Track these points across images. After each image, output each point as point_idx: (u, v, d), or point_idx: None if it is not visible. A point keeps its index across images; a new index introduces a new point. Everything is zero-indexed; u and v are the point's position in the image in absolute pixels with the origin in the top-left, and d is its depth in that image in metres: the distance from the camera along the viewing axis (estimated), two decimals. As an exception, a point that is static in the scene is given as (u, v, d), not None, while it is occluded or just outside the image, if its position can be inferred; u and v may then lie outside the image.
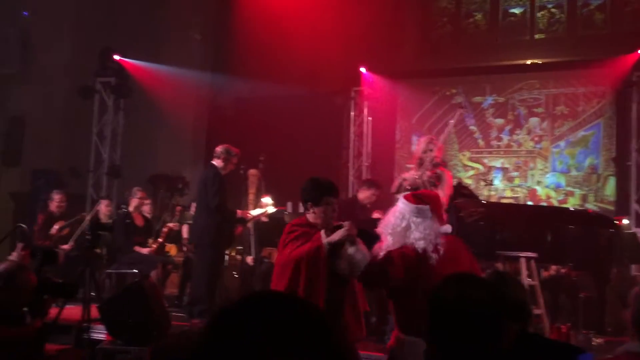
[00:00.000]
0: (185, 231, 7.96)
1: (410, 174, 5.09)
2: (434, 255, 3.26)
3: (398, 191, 5.24)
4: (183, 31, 11.22)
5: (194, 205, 7.34)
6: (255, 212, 6.91)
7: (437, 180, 4.92)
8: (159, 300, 5.29)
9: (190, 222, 7.56)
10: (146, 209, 7.87)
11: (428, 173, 4.85)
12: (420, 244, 3.29)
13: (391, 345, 3.43)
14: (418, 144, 5.13)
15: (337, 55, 10.28)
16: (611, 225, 6.27)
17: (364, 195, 6.83)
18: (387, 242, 3.41)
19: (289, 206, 9.87)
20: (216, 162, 6.31)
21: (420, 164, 5.02)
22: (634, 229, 8.21)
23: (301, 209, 10.26)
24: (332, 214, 3.65)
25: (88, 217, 7.79)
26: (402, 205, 3.46)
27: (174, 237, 8.09)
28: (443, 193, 4.91)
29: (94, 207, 8.45)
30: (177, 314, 6.29)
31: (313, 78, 10.58)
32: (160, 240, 7.53)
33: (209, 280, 6.13)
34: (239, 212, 6.52)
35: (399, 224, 3.38)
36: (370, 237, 4.34)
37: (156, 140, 11.18)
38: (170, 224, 7.74)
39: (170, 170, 10.75)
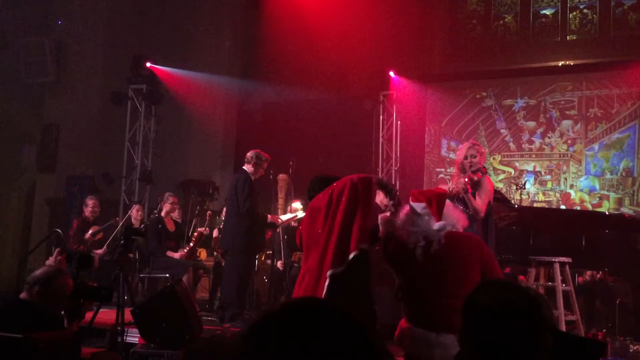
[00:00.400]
0: (215, 235, 8.03)
1: (453, 185, 4.99)
2: (422, 251, 3.28)
3: None
4: (213, 38, 11.34)
5: (225, 210, 7.39)
6: (285, 217, 6.93)
7: (473, 186, 4.80)
8: (191, 304, 5.33)
9: (220, 226, 7.63)
10: (175, 215, 7.96)
11: (463, 179, 4.74)
12: (411, 239, 3.31)
13: (395, 336, 3.47)
14: (460, 150, 5.02)
15: (366, 59, 10.28)
16: (648, 229, 6.12)
17: (378, 199, 6.78)
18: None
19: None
20: (247, 167, 6.36)
21: (462, 169, 4.91)
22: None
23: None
24: None
25: (121, 222, 7.91)
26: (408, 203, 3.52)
27: (205, 241, 8.16)
28: (481, 200, 4.80)
29: (126, 212, 8.58)
30: (209, 318, 6.34)
31: (341, 82, 10.61)
32: (191, 244, 7.60)
33: (239, 285, 6.16)
34: (269, 216, 6.54)
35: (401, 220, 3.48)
36: None
37: (186, 146, 11.31)
38: (201, 229, 7.81)
39: (200, 176, 10.88)
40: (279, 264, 7.37)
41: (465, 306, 1.79)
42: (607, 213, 8.45)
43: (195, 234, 7.74)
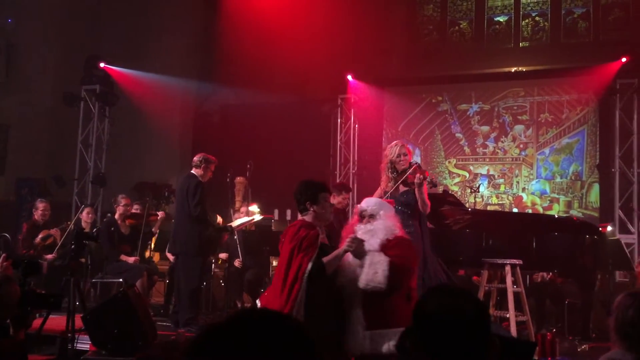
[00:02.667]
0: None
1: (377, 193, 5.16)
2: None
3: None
4: (169, 38, 11.20)
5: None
6: (240, 221, 6.89)
7: (406, 184, 4.94)
8: (145, 309, 5.25)
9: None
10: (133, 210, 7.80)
11: (419, 175, 4.81)
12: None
13: None
14: (387, 150, 5.11)
15: (324, 63, 10.32)
16: (595, 232, 6.32)
17: (336, 200, 6.83)
18: None
19: (276, 214, 9.87)
20: (195, 172, 6.31)
21: (392, 168, 5.00)
22: (618, 236, 8.30)
23: (288, 217, 10.26)
24: (329, 208, 3.86)
25: (70, 226, 7.72)
26: None
27: (158, 244, 8.04)
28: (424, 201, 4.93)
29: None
30: (163, 324, 6.25)
31: (300, 86, 10.61)
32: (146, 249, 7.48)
33: (194, 290, 6.10)
34: (220, 220, 6.51)
35: None
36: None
37: (142, 148, 11.13)
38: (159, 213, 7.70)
39: (156, 178, 10.71)
40: (237, 262, 7.32)
41: (414, 312, 1.81)
42: (556, 216, 8.69)
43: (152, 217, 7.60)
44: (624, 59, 9.10)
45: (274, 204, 9.63)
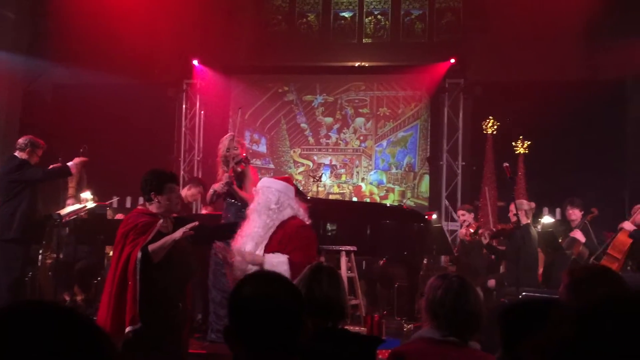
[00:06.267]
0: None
1: (218, 184, 5.20)
2: None
3: (211, 201, 5.41)
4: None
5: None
6: (71, 208, 6.47)
7: (238, 177, 5.06)
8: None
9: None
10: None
11: (226, 175, 4.98)
12: None
13: None
14: (221, 144, 5.20)
15: (170, 45, 9.98)
16: (422, 219, 6.81)
17: (189, 192, 6.72)
18: None
19: (115, 201, 9.41)
20: (19, 155, 5.84)
21: (225, 162, 5.10)
22: (443, 223, 9.02)
23: (128, 204, 9.82)
24: (176, 200, 3.74)
25: None
26: None
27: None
28: (247, 189, 5.04)
29: None
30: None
31: (143, 68, 10.14)
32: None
33: (12, 280, 5.63)
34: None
35: None
36: (211, 232, 4.41)
37: (-40, 128, 10.02)
38: None
39: (-24, 161, 9.70)
40: (63, 255, 6.88)
41: (230, 298, 1.82)
42: (387, 205, 9.24)
43: None
44: (452, 60, 9.87)
45: (113, 190, 9.17)
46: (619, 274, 2.84)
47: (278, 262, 3.68)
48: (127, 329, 3.44)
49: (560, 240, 6.72)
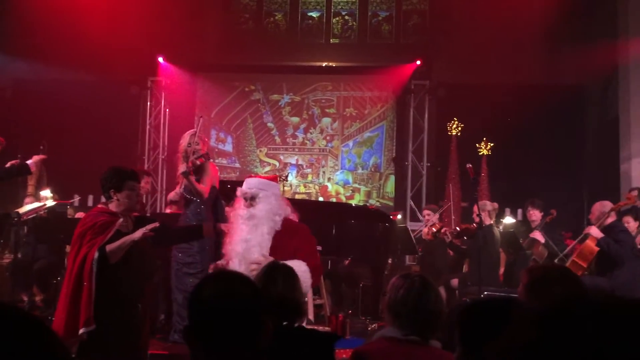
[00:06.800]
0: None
1: (173, 194, 5.24)
2: None
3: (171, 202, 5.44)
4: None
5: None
6: (30, 207, 6.32)
7: (197, 171, 5.07)
8: None
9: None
10: None
11: (182, 167, 5.00)
12: None
13: None
14: (182, 139, 5.21)
15: (134, 42, 9.81)
16: (386, 219, 6.85)
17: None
18: None
19: (77, 200, 9.23)
20: (-26, 151, 5.67)
21: (185, 156, 5.11)
22: (408, 223, 9.10)
23: (90, 203, 9.65)
24: (136, 198, 3.69)
25: None
26: None
27: None
28: (204, 183, 5.07)
29: None
30: None
31: (106, 64, 9.95)
32: None
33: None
34: None
35: None
36: (173, 234, 4.33)
37: None
38: None
39: None
40: (21, 254, 6.72)
41: (190, 298, 1.80)
42: (352, 205, 9.28)
43: None
44: (418, 62, 9.97)
45: (74, 189, 8.99)
46: (576, 274, 2.90)
47: (303, 271, 3.54)
48: (81, 331, 3.37)
49: (521, 241, 6.84)
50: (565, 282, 2.43)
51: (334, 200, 10.36)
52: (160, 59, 10.23)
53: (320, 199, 10.42)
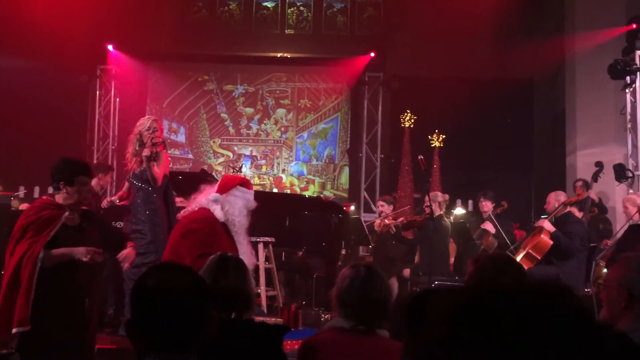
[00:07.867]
0: None
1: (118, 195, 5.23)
2: None
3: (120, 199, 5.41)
4: None
5: None
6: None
7: (152, 158, 5.01)
8: None
9: None
10: None
11: (146, 151, 4.92)
12: None
13: None
14: (140, 123, 5.12)
15: (83, 28, 9.54)
16: (340, 211, 6.89)
17: (101, 182, 6.46)
18: None
19: (22, 193, 8.95)
20: None
21: (140, 140, 5.01)
22: (362, 215, 9.16)
23: (36, 194, 9.39)
24: (86, 194, 3.60)
25: None
26: None
27: None
28: (159, 169, 5.01)
29: None
30: None
31: (53, 51, 9.62)
32: None
33: None
34: None
35: None
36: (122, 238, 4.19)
37: None
38: None
39: None
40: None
41: (133, 290, 1.76)
42: (306, 196, 9.29)
43: None
44: (372, 54, 10.02)
45: (20, 180, 8.71)
46: (520, 263, 2.98)
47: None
48: (14, 330, 3.23)
49: (472, 232, 6.97)
50: (510, 270, 2.48)
51: (288, 191, 10.34)
52: (110, 47, 9.97)
53: (275, 190, 10.38)
